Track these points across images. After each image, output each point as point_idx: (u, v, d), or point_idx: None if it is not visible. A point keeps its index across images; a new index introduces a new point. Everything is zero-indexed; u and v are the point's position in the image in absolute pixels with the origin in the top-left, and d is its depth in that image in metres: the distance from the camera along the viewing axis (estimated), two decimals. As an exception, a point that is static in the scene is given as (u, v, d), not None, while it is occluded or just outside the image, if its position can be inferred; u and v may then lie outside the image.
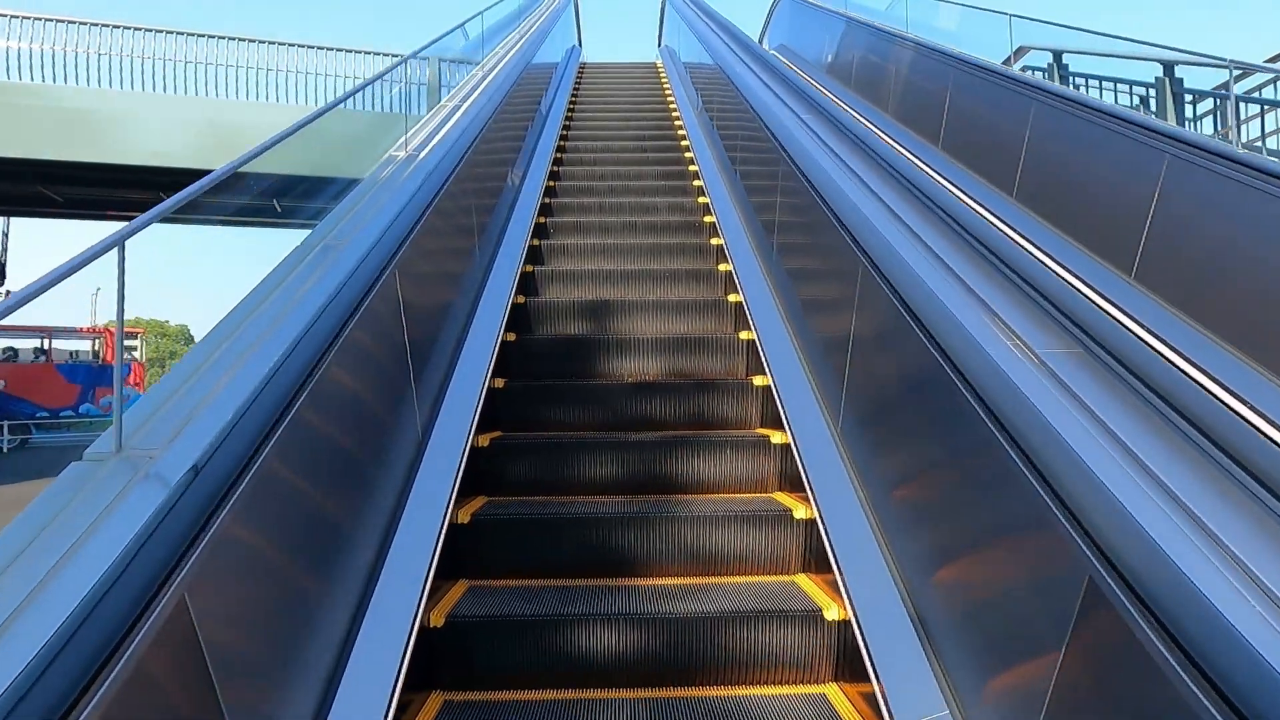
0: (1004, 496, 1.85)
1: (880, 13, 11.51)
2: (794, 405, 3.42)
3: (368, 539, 2.45)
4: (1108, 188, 4.74)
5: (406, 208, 3.12)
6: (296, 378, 2.01)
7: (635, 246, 5.51)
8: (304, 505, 2.06)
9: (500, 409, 3.77)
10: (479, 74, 6.48)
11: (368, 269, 2.59)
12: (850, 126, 5.00)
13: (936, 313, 2.23)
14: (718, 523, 2.95)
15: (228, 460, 1.72)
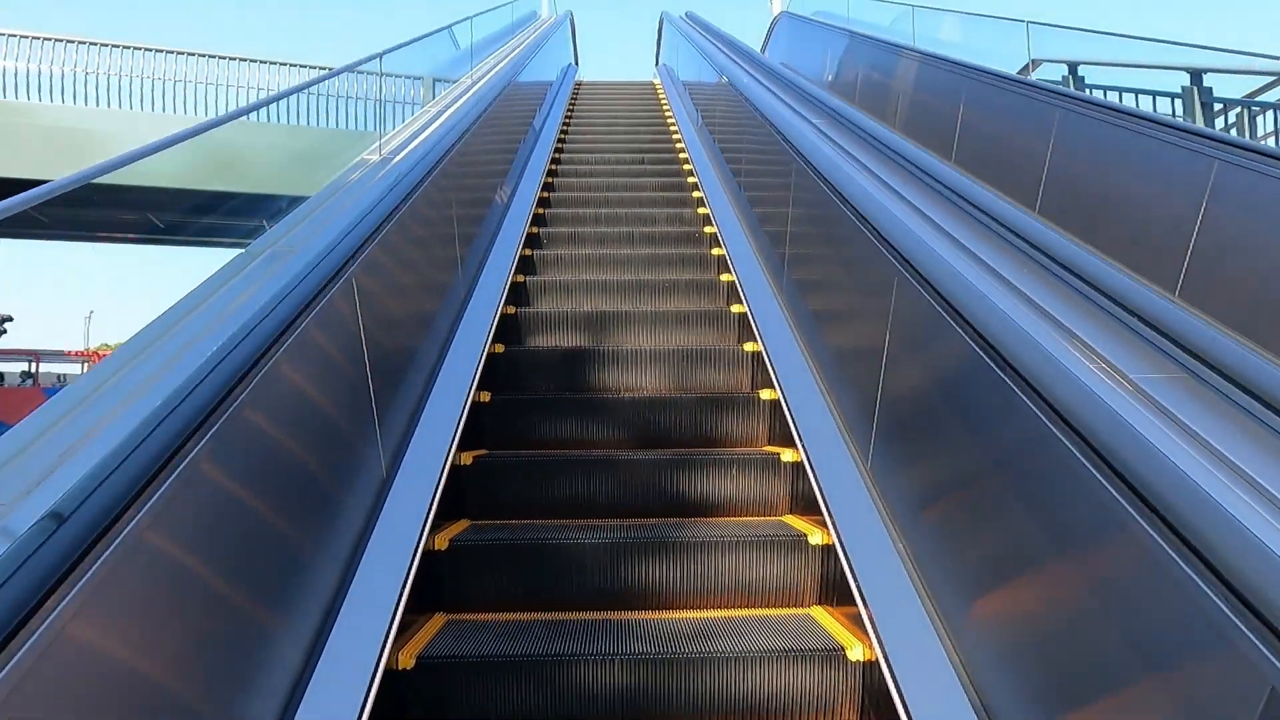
0: (1107, 546, 1.45)
1: (884, 28, 11.28)
2: (807, 423, 3.03)
3: (322, 577, 2.04)
4: (1144, 198, 4.41)
5: (373, 210, 2.73)
6: (207, 403, 1.61)
7: (632, 257, 5.21)
8: (228, 541, 1.65)
9: (486, 425, 3.43)
10: (466, 82, 6.13)
11: (316, 278, 2.19)
12: (873, 131, 4.63)
13: (1005, 330, 1.84)
14: (725, 549, 2.60)
15: (103, 502, 1.31)
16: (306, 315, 2.07)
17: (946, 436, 2.16)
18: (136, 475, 1.36)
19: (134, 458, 1.36)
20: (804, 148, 3.84)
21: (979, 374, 1.89)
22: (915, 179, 3.02)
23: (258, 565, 1.80)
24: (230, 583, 1.67)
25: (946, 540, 2.11)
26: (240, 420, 1.71)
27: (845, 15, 11.35)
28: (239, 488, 1.73)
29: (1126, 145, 4.76)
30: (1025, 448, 1.71)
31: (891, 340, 2.51)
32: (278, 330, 1.90)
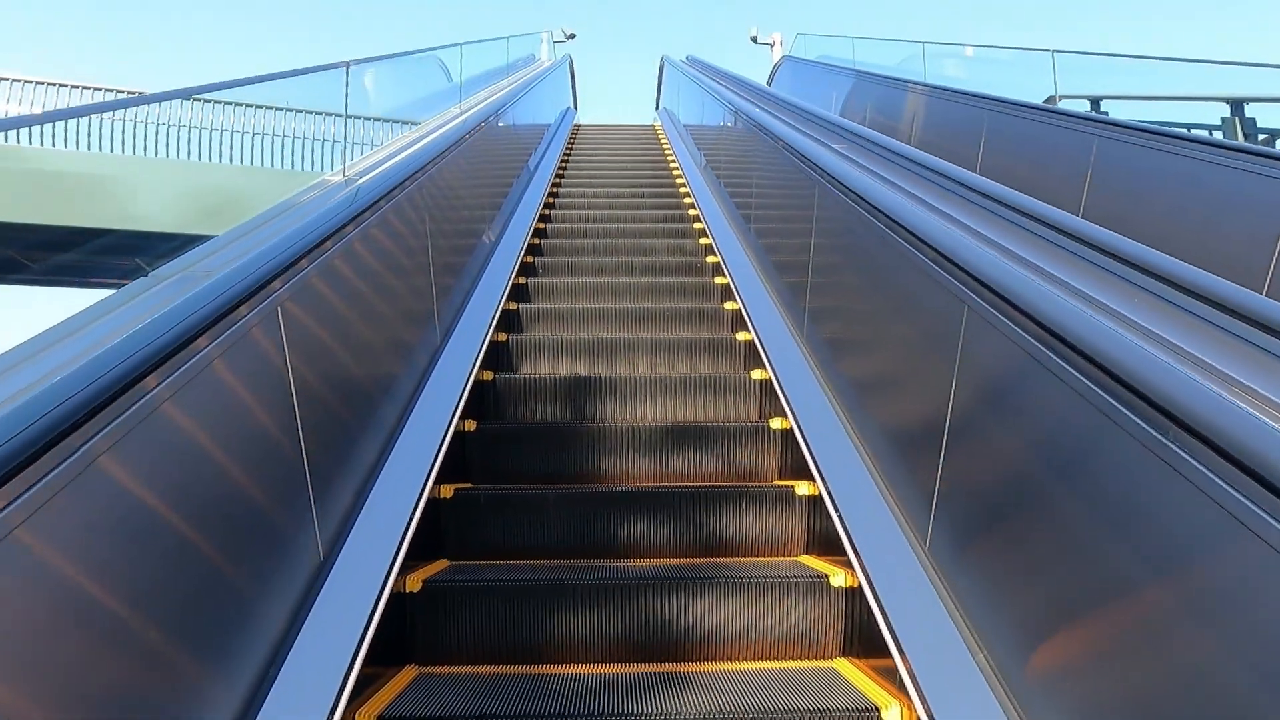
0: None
1: (892, 68, 11.01)
2: (858, 525, 2.50)
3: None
4: (1204, 226, 3.96)
5: (312, 230, 2.23)
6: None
7: (632, 287, 4.82)
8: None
9: (448, 525, 2.70)
10: (455, 110, 5.71)
11: (213, 306, 1.67)
12: (905, 152, 4.13)
13: (1158, 373, 1.31)
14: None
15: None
16: (183, 355, 1.55)
17: (1047, 512, 1.62)
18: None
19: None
20: (851, 182, 3.28)
21: (1117, 430, 1.37)
22: (973, 205, 2.53)
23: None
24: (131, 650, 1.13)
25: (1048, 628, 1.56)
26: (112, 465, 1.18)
27: (851, 58, 11.11)
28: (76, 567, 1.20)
29: (1181, 171, 4.32)
30: (1208, 532, 1.18)
31: (960, 389, 1.99)
32: (129, 375, 1.38)
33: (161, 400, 1.52)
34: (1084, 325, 1.49)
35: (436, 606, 2.23)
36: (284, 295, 1.96)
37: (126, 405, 1.40)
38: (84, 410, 1.24)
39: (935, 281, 2.11)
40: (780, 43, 17.30)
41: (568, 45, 15.73)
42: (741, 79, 8.99)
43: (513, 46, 9.99)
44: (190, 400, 1.59)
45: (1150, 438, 1.27)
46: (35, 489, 1.12)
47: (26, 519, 1.10)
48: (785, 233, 4.29)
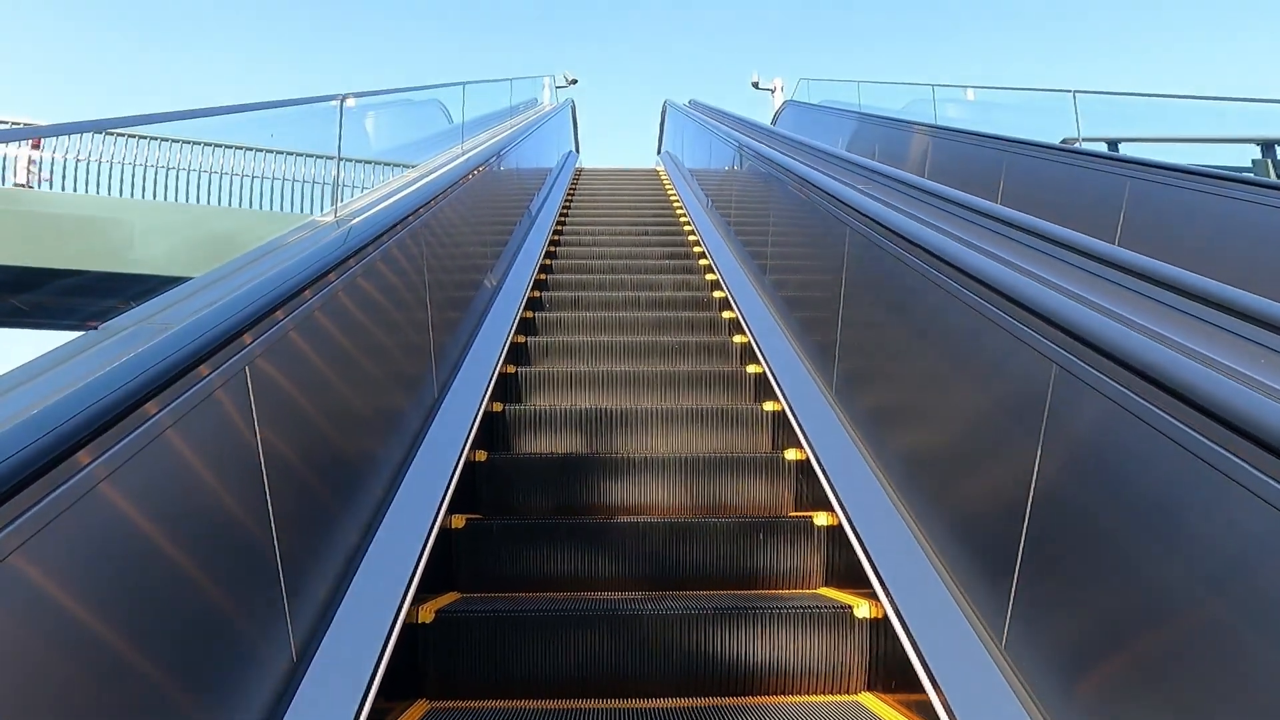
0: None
1: (897, 111, 10.91)
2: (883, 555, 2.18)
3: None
4: (1253, 271, 3.73)
5: (288, 280, 1.95)
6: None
7: (638, 346, 4.44)
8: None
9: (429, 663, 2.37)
10: (456, 150, 5.50)
11: (163, 366, 1.39)
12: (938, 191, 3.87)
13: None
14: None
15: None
16: (125, 425, 1.27)
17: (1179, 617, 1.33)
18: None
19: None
20: (894, 224, 2.98)
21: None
22: (1043, 254, 2.24)
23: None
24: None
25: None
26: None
27: (856, 101, 11.03)
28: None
29: (1226, 213, 4.10)
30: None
31: (1045, 460, 1.70)
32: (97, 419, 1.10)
33: (96, 481, 1.23)
34: (1246, 401, 1.21)
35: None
36: (256, 351, 1.68)
37: (44, 491, 1.11)
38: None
39: (1015, 338, 1.83)
40: (781, 88, 17.34)
41: (570, 90, 15.74)
42: (750, 121, 8.85)
43: (515, 89, 9.89)
44: (133, 480, 1.30)
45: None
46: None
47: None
48: (810, 283, 4.02)
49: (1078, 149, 5.33)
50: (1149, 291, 1.89)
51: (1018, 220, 2.53)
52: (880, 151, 9.16)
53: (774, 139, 6.86)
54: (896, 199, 3.33)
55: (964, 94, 9.22)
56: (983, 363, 2.07)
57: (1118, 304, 1.75)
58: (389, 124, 7.38)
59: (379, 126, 8.17)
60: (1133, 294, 1.88)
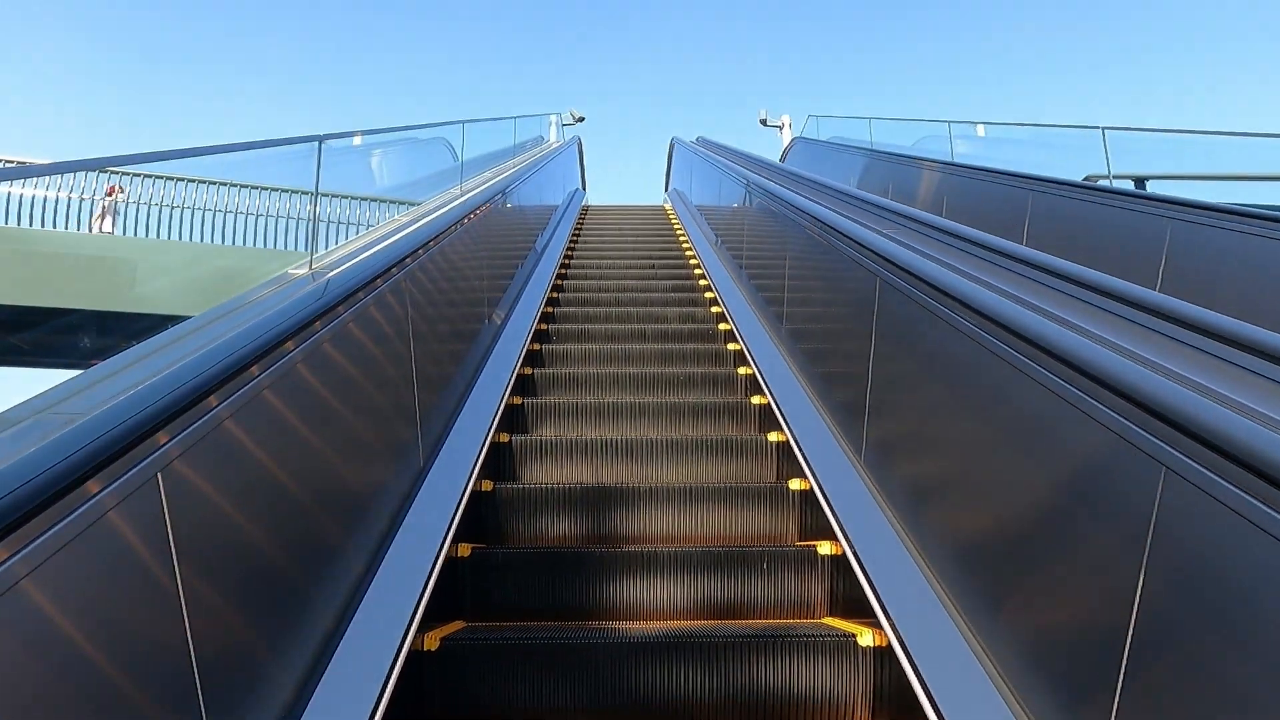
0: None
1: (908, 148, 10.67)
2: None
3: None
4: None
5: (226, 356, 1.64)
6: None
7: (647, 408, 4.08)
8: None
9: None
10: (455, 191, 5.24)
11: (39, 484, 1.07)
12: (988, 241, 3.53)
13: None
14: None
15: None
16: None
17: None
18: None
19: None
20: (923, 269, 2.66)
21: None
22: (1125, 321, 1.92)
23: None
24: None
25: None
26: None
27: (867, 139, 10.80)
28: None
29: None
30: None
31: (1150, 576, 1.37)
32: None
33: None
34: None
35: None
36: (172, 452, 1.36)
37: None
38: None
39: (1117, 436, 1.50)
40: (789, 125, 17.20)
41: (576, 128, 15.61)
42: (760, 158, 8.60)
43: (521, 127, 9.70)
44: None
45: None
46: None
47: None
48: (834, 334, 3.69)
49: (1115, 188, 5.04)
50: (1250, 364, 1.56)
51: (1082, 277, 2.21)
52: (894, 189, 8.89)
53: (787, 178, 6.59)
54: (932, 246, 3.02)
55: (976, 130, 8.97)
56: (1067, 458, 1.73)
57: (1236, 389, 1.42)
58: (395, 162, 7.14)
59: (386, 164, 7.93)
60: (1238, 369, 1.56)
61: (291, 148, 3.28)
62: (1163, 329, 1.75)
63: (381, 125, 9.67)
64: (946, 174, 7.34)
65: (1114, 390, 1.46)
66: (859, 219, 3.69)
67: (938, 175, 7.58)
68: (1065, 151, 7.86)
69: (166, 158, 4.14)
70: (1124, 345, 1.67)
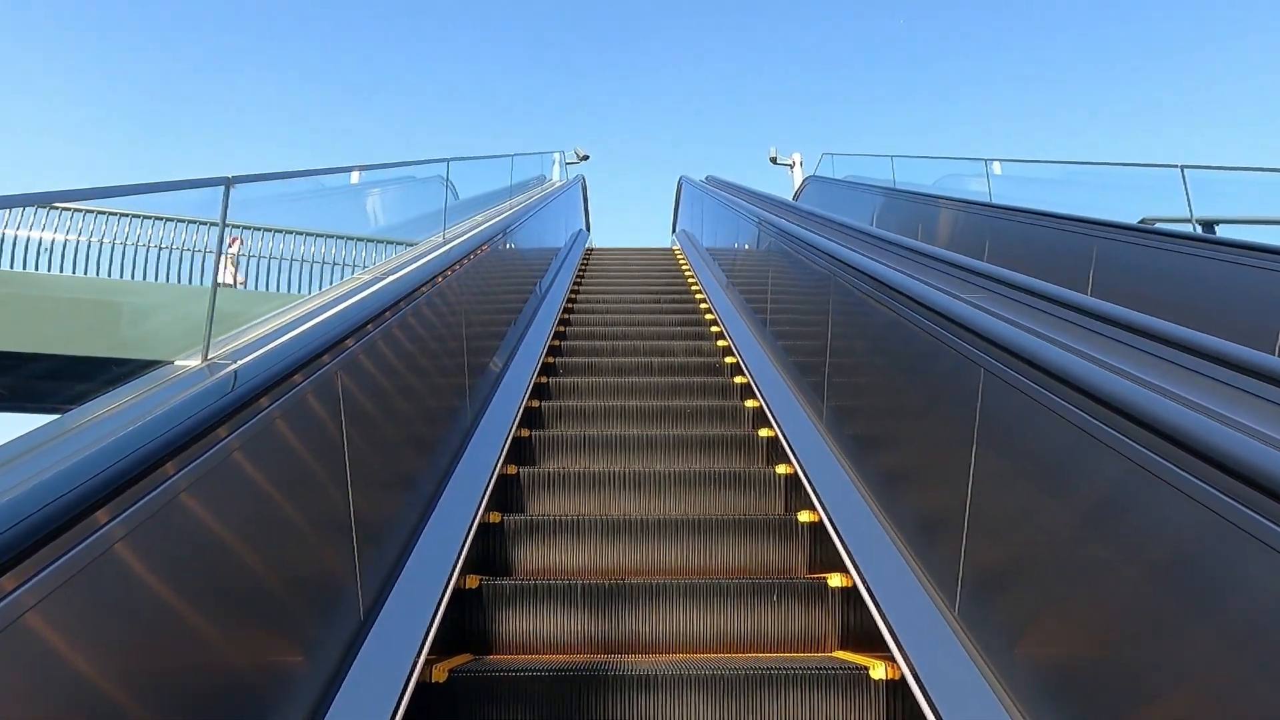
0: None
1: (929, 186, 9.99)
2: None
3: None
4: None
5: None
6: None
7: (659, 479, 3.35)
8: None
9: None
10: (438, 240, 4.53)
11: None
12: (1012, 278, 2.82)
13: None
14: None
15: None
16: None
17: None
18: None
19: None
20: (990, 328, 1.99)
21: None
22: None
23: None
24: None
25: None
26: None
27: (890, 178, 10.11)
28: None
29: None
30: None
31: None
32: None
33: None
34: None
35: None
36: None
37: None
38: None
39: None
40: (800, 163, 16.60)
41: (580, 167, 15.01)
42: (779, 199, 7.88)
43: (519, 166, 9.01)
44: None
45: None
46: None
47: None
48: (908, 435, 2.93)
49: (1217, 237, 4.31)
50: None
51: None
52: (924, 233, 8.17)
53: (813, 221, 5.85)
54: (1042, 321, 2.28)
55: (994, 168, 8.21)
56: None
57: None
58: (393, 202, 6.48)
59: (384, 204, 7.24)
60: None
61: (205, 190, 2.57)
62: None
63: (379, 161, 9.00)
64: (987, 217, 6.63)
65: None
66: (936, 283, 2.95)
67: (975, 218, 6.87)
68: (1116, 191, 7.17)
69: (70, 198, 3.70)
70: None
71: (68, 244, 9.38)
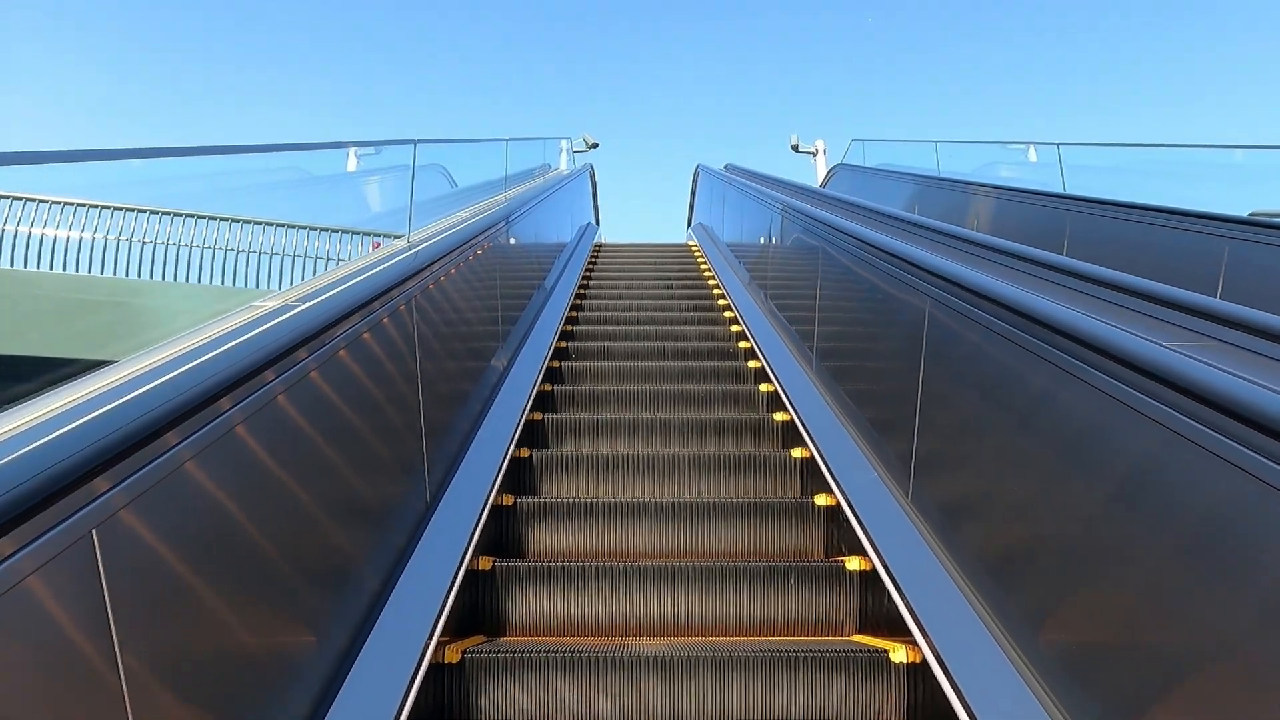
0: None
1: (969, 173, 8.97)
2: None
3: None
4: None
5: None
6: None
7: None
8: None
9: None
10: (402, 244, 3.57)
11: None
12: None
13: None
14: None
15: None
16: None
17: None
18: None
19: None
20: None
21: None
22: None
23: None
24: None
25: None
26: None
27: (930, 166, 9.06)
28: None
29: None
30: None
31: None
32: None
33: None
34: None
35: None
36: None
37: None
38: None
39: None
40: (824, 150, 15.52)
41: (589, 155, 13.95)
42: (821, 191, 6.79)
43: (518, 152, 7.97)
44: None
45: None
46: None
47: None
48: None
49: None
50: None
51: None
52: (981, 229, 7.17)
53: (882, 219, 4.82)
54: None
55: (1078, 155, 7.19)
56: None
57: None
58: (390, 190, 5.85)
59: (380, 193, 6.38)
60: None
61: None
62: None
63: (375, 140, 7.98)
64: (1064, 210, 5.61)
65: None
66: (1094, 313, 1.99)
67: (1047, 212, 5.87)
68: (1209, 183, 6.14)
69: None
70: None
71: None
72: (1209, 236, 4.15)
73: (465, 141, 6.48)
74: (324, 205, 6.47)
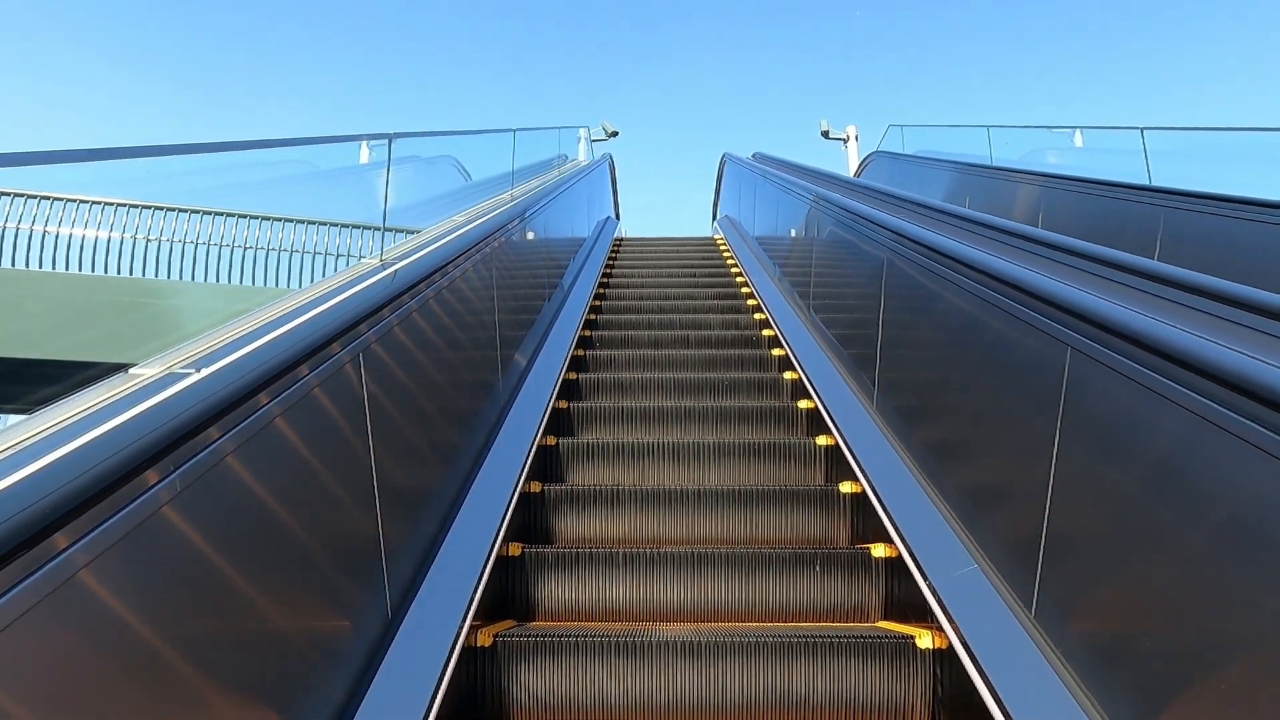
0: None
1: (1015, 161, 8.68)
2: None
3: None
4: None
5: None
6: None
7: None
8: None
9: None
10: (374, 263, 3.50)
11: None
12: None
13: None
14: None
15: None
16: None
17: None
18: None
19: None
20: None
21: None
22: None
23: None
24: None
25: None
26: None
27: (983, 154, 8.45)
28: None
29: None
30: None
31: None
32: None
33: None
34: None
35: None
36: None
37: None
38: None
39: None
40: (855, 137, 15.14)
41: (609, 144, 13.68)
42: (880, 188, 6.17)
43: (527, 143, 7.57)
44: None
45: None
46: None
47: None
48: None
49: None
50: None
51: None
52: (1044, 222, 6.66)
53: (965, 224, 3.63)
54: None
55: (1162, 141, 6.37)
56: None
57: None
58: (405, 182, 5.75)
59: (396, 185, 6.33)
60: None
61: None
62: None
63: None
64: (1157, 205, 5.06)
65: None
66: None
67: (1135, 207, 5.36)
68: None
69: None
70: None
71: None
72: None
73: (462, 134, 6.29)
74: (331, 199, 6.15)
